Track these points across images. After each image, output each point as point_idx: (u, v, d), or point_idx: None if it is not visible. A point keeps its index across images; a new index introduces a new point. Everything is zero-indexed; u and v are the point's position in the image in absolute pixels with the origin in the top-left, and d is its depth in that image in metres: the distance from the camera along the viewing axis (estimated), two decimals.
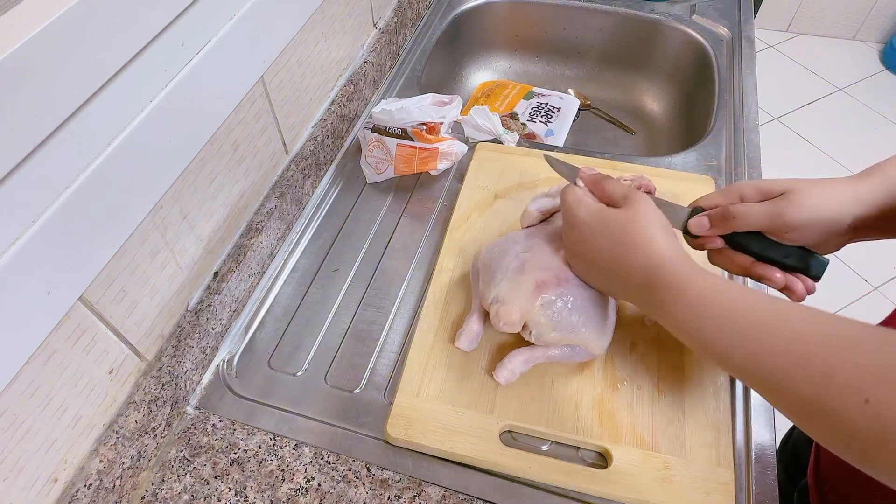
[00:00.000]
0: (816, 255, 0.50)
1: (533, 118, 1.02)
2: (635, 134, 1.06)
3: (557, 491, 0.54)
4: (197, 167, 0.58)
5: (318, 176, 0.80)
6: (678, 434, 0.55)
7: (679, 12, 1.04)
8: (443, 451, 0.55)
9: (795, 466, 0.82)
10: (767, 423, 0.57)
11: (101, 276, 0.48)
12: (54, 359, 0.46)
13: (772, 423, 0.57)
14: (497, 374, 0.57)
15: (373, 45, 0.92)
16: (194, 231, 0.60)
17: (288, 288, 0.70)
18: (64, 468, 0.49)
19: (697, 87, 1.00)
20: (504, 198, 0.76)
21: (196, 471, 0.56)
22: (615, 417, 0.57)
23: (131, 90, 0.48)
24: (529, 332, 0.56)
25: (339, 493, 0.54)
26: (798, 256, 0.50)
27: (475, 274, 0.64)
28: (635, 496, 0.52)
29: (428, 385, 0.59)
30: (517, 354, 0.58)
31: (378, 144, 0.78)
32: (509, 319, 0.55)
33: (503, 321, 0.55)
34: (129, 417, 0.54)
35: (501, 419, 0.57)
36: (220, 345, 0.65)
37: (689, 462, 0.54)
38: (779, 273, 0.50)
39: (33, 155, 0.40)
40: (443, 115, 0.76)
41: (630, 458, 0.54)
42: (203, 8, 0.53)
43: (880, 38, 2.47)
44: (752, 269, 0.51)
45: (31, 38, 0.37)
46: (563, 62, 1.15)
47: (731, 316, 0.41)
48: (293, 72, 0.72)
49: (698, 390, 0.58)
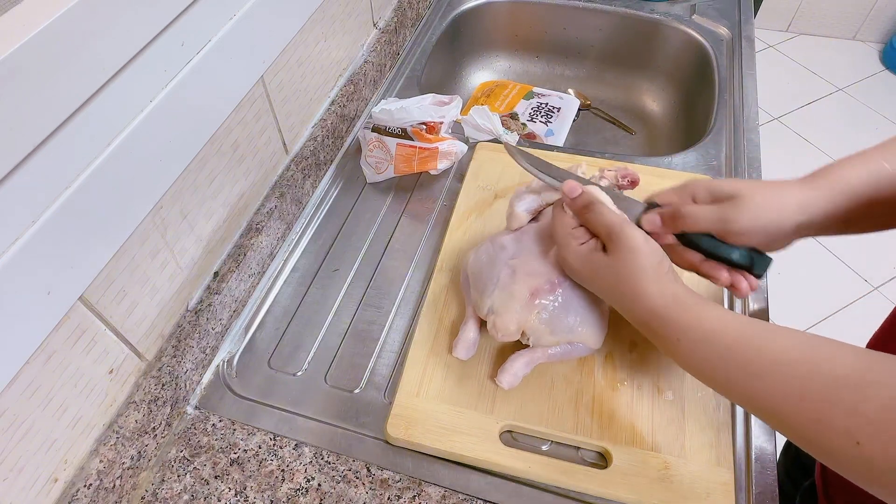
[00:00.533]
0: (762, 255, 0.52)
1: (533, 118, 1.02)
2: (635, 134, 1.06)
3: (557, 491, 0.54)
4: (197, 167, 0.58)
5: (318, 176, 0.80)
6: (678, 434, 0.55)
7: (679, 12, 1.04)
8: (443, 450, 0.55)
9: (797, 467, 0.82)
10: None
11: (101, 276, 0.48)
12: (54, 359, 0.46)
13: None
14: (500, 379, 0.57)
15: (373, 45, 0.92)
16: (194, 231, 0.60)
17: (288, 288, 0.70)
18: (64, 468, 0.49)
19: (697, 87, 1.00)
20: (504, 198, 0.76)
21: (196, 471, 0.56)
22: (615, 417, 0.57)
23: (131, 90, 0.48)
24: (527, 338, 0.56)
25: (339, 493, 0.54)
26: (744, 255, 0.51)
27: (465, 280, 0.63)
28: (635, 496, 0.52)
29: (428, 385, 0.59)
30: (517, 357, 0.58)
31: (378, 144, 0.78)
32: (507, 331, 0.55)
33: (500, 333, 0.56)
34: (129, 417, 0.54)
35: (501, 419, 0.57)
36: (220, 345, 0.65)
37: (688, 462, 0.54)
38: (725, 272, 0.52)
39: (33, 155, 0.40)
40: (442, 114, 0.76)
41: (630, 458, 0.54)
42: (203, 8, 0.53)
43: (880, 38, 2.47)
44: (701, 266, 0.53)
45: (30, 38, 0.37)
46: (563, 62, 1.15)
47: (726, 363, 0.43)
48: (293, 72, 0.72)
49: (698, 390, 0.58)
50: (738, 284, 0.52)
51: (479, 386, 0.59)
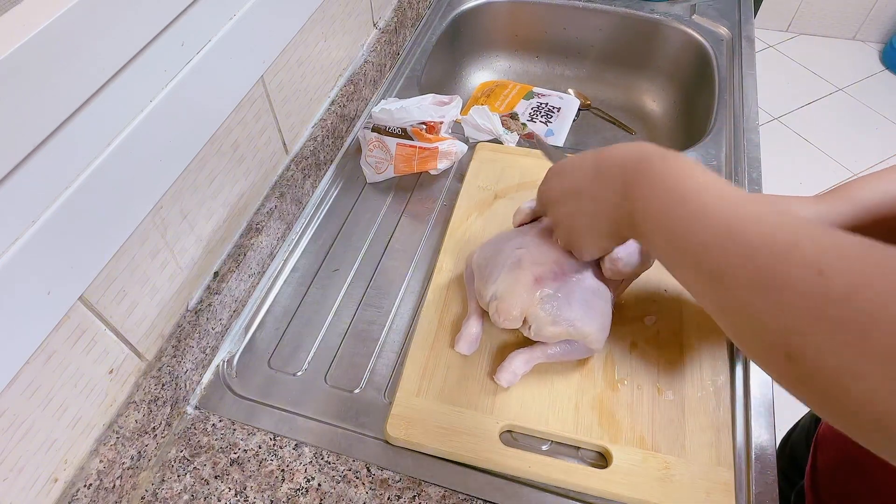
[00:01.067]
0: None
1: (533, 118, 1.02)
2: (635, 134, 1.06)
3: (557, 491, 0.54)
4: (197, 167, 0.58)
5: (318, 176, 0.80)
6: (678, 434, 0.55)
7: (679, 12, 1.04)
8: (443, 451, 0.55)
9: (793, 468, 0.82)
10: (767, 424, 0.57)
11: (101, 276, 0.48)
12: (54, 359, 0.46)
13: (772, 424, 0.57)
14: (498, 377, 0.57)
15: (373, 44, 0.92)
16: (194, 231, 0.60)
17: (288, 288, 0.70)
18: (64, 468, 0.49)
19: (697, 87, 1.00)
20: (504, 198, 0.76)
21: (196, 471, 0.56)
22: (615, 417, 0.57)
23: (131, 90, 0.48)
24: (529, 326, 0.56)
25: (339, 493, 0.54)
26: None
27: (469, 276, 0.64)
28: (635, 496, 0.52)
29: (428, 385, 0.59)
30: (516, 355, 0.58)
31: (378, 144, 0.78)
32: (509, 315, 0.55)
33: (503, 317, 0.55)
34: (129, 417, 0.54)
35: (501, 419, 0.57)
36: (220, 345, 0.65)
37: (689, 462, 0.54)
38: None
39: (33, 155, 0.40)
40: (442, 114, 0.76)
41: (630, 457, 0.54)
42: (203, 8, 0.53)
43: (880, 38, 2.47)
44: None
45: (30, 38, 0.37)
46: (563, 62, 1.15)
47: (701, 201, 0.38)
48: (293, 72, 0.72)
49: (698, 390, 0.58)
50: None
51: (479, 386, 0.59)
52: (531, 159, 0.80)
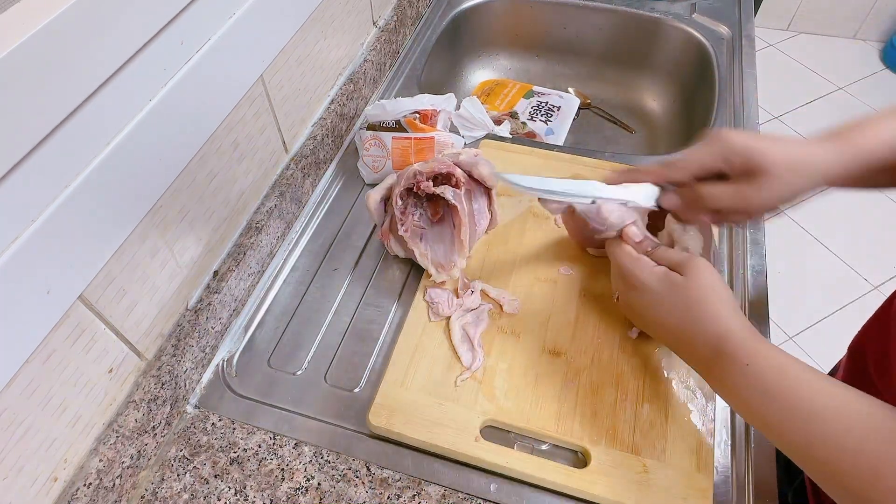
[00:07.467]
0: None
1: (533, 117, 1.02)
2: (635, 133, 1.06)
3: (558, 491, 0.54)
4: (196, 166, 0.58)
5: (317, 175, 0.80)
6: (659, 438, 0.55)
7: (679, 11, 1.04)
8: (423, 441, 0.56)
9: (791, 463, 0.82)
10: None
11: (100, 275, 0.48)
12: (54, 358, 0.46)
13: None
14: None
15: (372, 43, 0.91)
16: (194, 230, 0.60)
17: (288, 287, 0.70)
18: (63, 467, 0.49)
19: (697, 85, 1.00)
20: (504, 196, 0.76)
21: (196, 470, 0.56)
22: (597, 418, 0.57)
23: (131, 89, 0.47)
24: None
25: (339, 493, 0.54)
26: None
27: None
28: (612, 497, 0.52)
29: (413, 376, 0.59)
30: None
31: (374, 142, 0.78)
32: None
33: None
34: (129, 416, 0.54)
35: (483, 414, 0.57)
36: (220, 344, 0.65)
37: (668, 466, 0.54)
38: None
39: (33, 154, 0.40)
40: (434, 103, 0.77)
41: (609, 458, 0.54)
42: (203, 7, 0.53)
43: (881, 36, 2.46)
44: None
45: (30, 37, 0.37)
46: (562, 61, 1.14)
47: (790, 400, 0.43)
48: (293, 71, 0.72)
49: (682, 396, 0.58)
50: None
51: (463, 381, 0.59)
52: (532, 158, 0.80)
